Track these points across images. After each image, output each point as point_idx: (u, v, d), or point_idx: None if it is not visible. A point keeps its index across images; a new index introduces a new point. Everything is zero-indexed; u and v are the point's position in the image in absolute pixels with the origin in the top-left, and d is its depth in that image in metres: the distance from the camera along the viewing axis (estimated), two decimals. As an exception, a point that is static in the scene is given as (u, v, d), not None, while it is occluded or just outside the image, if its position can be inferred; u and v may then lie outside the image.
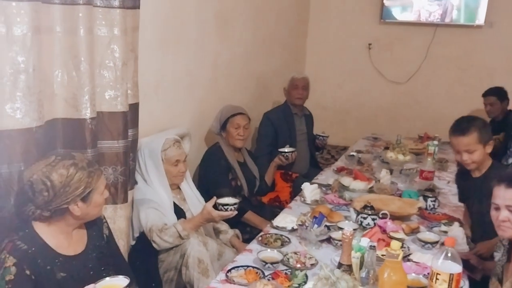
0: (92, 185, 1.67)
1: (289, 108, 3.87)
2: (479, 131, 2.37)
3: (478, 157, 2.38)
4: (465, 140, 2.37)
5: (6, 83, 1.69)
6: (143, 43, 2.48)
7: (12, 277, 1.55)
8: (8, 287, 1.54)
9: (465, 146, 2.38)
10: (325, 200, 2.81)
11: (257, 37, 4.14)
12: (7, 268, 1.55)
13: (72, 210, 1.65)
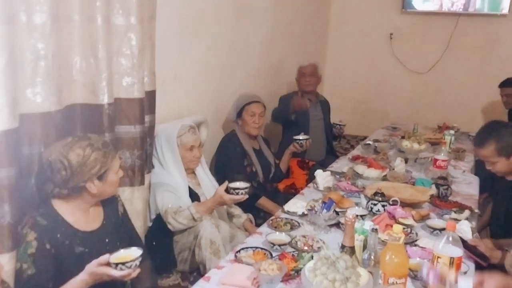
0: (107, 165, 1.76)
1: (302, 95, 3.90)
2: (497, 144, 2.28)
3: (500, 168, 2.33)
4: (482, 152, 2.35)
5: (27, 69, 1.78)
6: (161, 32, 2.55)
7: (34, 250, 1.67)
8: (30, 260, 1.66)
9: (484, 157, 2.35)
10: (338, 187, 2.84)
11: (276, 26, 4.16)
12: (29, 242, 1.67)
13: (89, 188, 1.75)
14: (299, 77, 3.93)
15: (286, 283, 1.81)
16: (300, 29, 4.67)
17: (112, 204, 1.96)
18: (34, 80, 1.81)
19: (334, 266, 1.47)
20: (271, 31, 4.11)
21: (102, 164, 1.75)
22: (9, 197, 1.67)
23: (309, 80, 3.89)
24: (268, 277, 1.71)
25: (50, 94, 1.86)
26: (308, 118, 3.89)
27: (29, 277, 1.66)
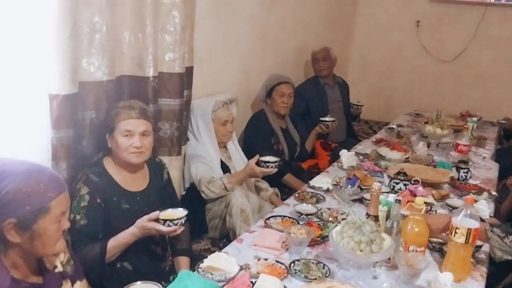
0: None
1: (318, 80, 4.03)
2: None
3: None
4: None
5: (83, 41, 1.94)
6: (199, 11, 2.68)
7: (86, 203, 1.85)
8: (83, 211, 1.85)
9: None
10: (361, 167, 2.97)
11: (306, 11, 4.26)
12: (82, 196, 1.85)
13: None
14: (313, 62, 4.06)
15: (313, 248, 1.96)
16: (329, 15, 4.76)
17: (158, 169, 2.14)
18: (89, 51, 1.97)
19: (360, 229, 1.61)
20: (302, 17, 4.21)
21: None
22: (66, 156, 1.85)
23: (323, 65, 4.00)
24: (297, 239, 1.87)
25: (102, 65, 2.02)
26: (326, 100, 4.01)
27: (81, 227, 1.84)
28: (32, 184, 1.27)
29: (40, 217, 1.30)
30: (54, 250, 1.39)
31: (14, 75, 1.64)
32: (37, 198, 1.28)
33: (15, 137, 1.67)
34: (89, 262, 1.80)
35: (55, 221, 1.33)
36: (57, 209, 1.33)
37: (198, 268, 1.75)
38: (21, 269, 1.36)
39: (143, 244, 1.96)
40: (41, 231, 1.31)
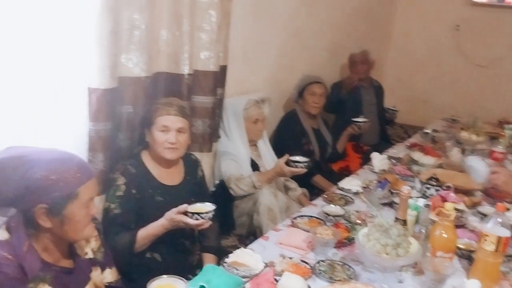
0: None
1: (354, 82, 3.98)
2: None
3: None
4: None
5: (123, 37, 2.00)
6: (236, 11, 2.72)
7: (122, 193, 1.93)
8: (118, 201, 1.92)
9: None
10: (393, 170, 2.94)
11: (344, 12, 4.23)
12: (118, 186, 1.92)
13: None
14: (351, 65, 4.00)
15: (339, 249, 1.96)
16: (367, 16, 4.70)
17: (193, 166, 2.21)
18: (128, 47, 2.04)
19: (387, 232, 1.61)
20: (339, 18, 4.19)
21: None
22: (103, 148, 1.92)
23: (361, 68, 3.96)
24: (323, 240, 1.87)
25: (140, 61, 2.08)
26: (361, 102, 3.97)
27: (115, 215, 1.92)
28: (61, 171, 1.33)
29: (70, 203, 1.35)
30: (83, 235, 1.45)
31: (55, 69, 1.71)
32: (66, 184, 1.34)
33: (54, 128, 1.75)
34: (119, 250, 1.87)
35: (83, 207, 1.39)
36: (86, 195, 1.38)
37: (223, 263, 1.79)
38: (52, 253, 1.42)
39: (172, 237, 2.02)
40: (71, 216, 1.37)
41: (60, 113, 1.78)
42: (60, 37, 1.70)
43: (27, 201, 1.31)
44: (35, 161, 1.33)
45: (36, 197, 1.31)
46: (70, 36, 1.73)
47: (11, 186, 1.31)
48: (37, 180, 1.31)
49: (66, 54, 1.74)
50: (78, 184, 1.37)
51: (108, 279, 1.65)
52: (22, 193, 1.30)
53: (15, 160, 1.33)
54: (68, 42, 1.74)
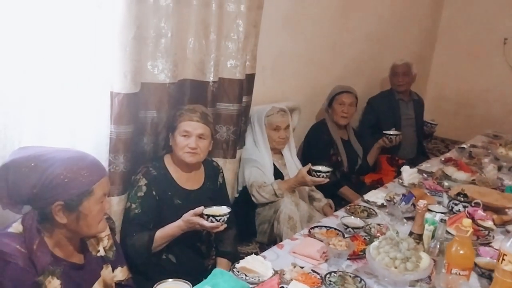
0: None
1: (393, 94, 3.92)
2: None
3: None
4: None
5: (149, 44, 2.07)
6: (267, 20, 2.75)
7: (143, 194, 1.99)
8: (138, 201, 1.99)
9: None
10: (423, 185, 2.86)
11: (381, 23, 4.18)
12: (140, 187, 1.99)
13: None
14: (392, 76, 3.94)
15: (354, 262, 1.93)
16: (407, 28, 4.61)
17: (214, 172, 2.26)
18: (154, 54, 2.11)
19: (397, 246, 1.57)
20: (376, 29, 4.13)
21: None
22: (124, 150, 1.99)
23: (402, 80, 3.89)
24: (336, 251, 1.85)
25: (166, 68, 2.14)
26: (399, 116, 3.90)
27: (135, 215, 1.99)
28: (76, 169, 1.40)
29: (85, 199, 1.42)
30: (97, 230, 1.52)
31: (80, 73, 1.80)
32: (81, 182, 1.40)
33: (76, 130, 1.83)
34: (136, 249, 1.93)
35: (98, 203, 1.46)
36: (100, 191, 1.45)
37: (233, 268, 1.80)
38: (64, 249, 1.48)
39: (189, 240, 2.06)
40: (86, 212, 1.44)
41: (84, 115, 1.86)
42: (86, 42, 1.79)
43: (44, 199, 1.39)
44: (51, 160, 1.41)
45: (53, 195, 1.38)
46: (95, 42, 1.81)
47: (27, 184, 1.38)
48: (53, 179, 1.38)
49: (91, 59, 1.82)
50: (93, 182, 1.44)
51: (119, 278, 1.70)
52: (39, 192, 1.38)
53: (32, 160, 1.41)
54: (94, 48, 1.82)
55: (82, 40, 1.77)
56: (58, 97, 1.75)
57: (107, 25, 1.82)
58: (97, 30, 1.80)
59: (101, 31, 1.81)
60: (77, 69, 1.78)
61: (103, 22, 1.81)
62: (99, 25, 1.80)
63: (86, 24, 1.77)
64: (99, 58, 1.84)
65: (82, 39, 1.77)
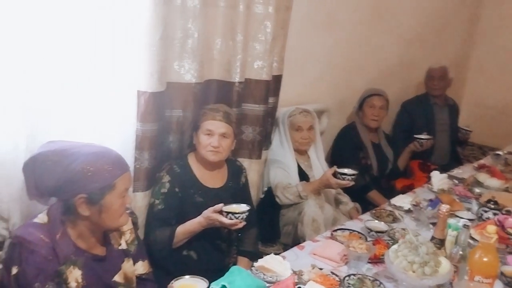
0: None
1: (428, 98, 3.83)
2: None
3: None
4: None
5: (176, 45, 2.12)
6: (296, 21, 2.75)
7: (166, 190, 2.05)
8: (162, 197, 2.05)
9: None
10: (453, 191, 2.79)
11: (415, 26, 4.09)
12: (163, 183, 2.05)
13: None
14: (428, 79, 3.85)
15: (374, 265, 1.91)
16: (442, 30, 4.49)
17: (237, 172, 2.28)
18: (181, 55, 2.15)
19: (416, 250, 1.54)
20: (410, 32, 4.04)
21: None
22: (149, 147, 2.04)
23: (438, 84, 3.79)
24: (356, 254, 1.83)
25: (192, 68, 2.18)
26: (433, 121, 3.81)
27: (158, 211, 2.04)
28: (100, 164, 1.45)
29: (107, 193, 1.47)
30: (119, 223, 1.57)
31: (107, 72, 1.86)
32: (104, 176, 1.45)
33: (104, 126, 1.89)
34: (158, 244, 1.99)
35: (119, 197, 1.50)
36: (121, 186, 1.50)
37: (251, 267, 1.82)
38: (86, 240, 1.54)
39: (210, 237, 2.09)
40: (108, 205, 1.48)
41: (111, 113, 1.91)
42: (114, 42, 1.85)
43: (68, 191, 1.45)
44: (75, 154, 1.46)
45: (76, 188, 1.44)
46: (123, 42, 1.87)
47: (53, 177, 1.44)
48: (77, 172, 1.44)
49: (119, 58, 1.88)
50: (115, 176, 1.48)
51: (140, 271, 1.75)
52: (64, 184, 1.44)
53: (58, 154, 1.47)
54: (122, 48, 1.87)
55: (111, 40, 1.83)
56: (86, 95, 1.81)
57: (134, 26, 1.87)
58: (125, 31, 1.85)
59: (129, 32, 1.86)
60: (105, 68, 1.84)
61: (131, 23, 1.86)
62: (127, 26, 1.85)
63: (115, 24, 1.82)
64: (127, 58, 1.89)
65: (111, 39, 1.83)
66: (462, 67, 5.15)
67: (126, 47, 1.88)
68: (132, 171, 2.01)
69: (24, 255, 1.39)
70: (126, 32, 1.86)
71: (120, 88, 1.92)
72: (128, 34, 1.87)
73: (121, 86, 1.92)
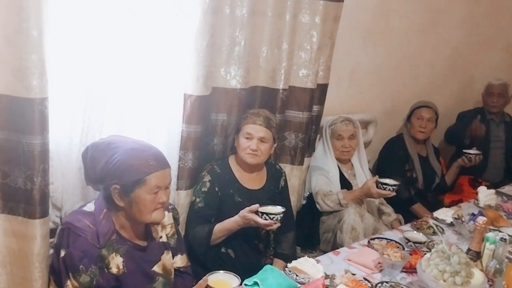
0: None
1: (485, 113, 3.71)
2: None
3: None
4: None
5: (224, 52, 2.21)
6: (346, 31, 2.79)
7: (206, 189, 2.14)
8: (202, 196, 2.14)
9: None
10: (501, 207, 2.72)
11: (470, 38, 3.98)
12: (204, 182, 2.14)
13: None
14: (486, 95, 3.73)
15: (409, 275, 1.90)
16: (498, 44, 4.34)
17: (276, 175, 2.35)
18: (228, 61, 2.24)
19: (448, 259, 1.53)
20: (463, 44, 3.94)
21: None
22: (193, 148, 2.14)
23: (497, 101, 3.67)
24: (390, 261, 1.84)
25: (237, 75, 2.27)
26: (488, 138, 3.69)
27: (198, 208, 2.13)
28: (134, 159, 1.56)
29: (137, 187, 1.56)
30: (150, 218, 1.62)
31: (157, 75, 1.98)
32: (136, 171, 1.55)
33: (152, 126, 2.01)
34: (197, 240, 2.08)
35: (150, 193, 1.57)
36: (153, 182, 1.57)
37: (285, 267, 1.86)
38: (127, 231, 1.65)
39: (248, 236, 2.17)
40: (137, 200, 1.57)
41: (159, 114, 2.03)
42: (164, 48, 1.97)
43: (107, 181, 1.57)
44: (118, 148, 1.59)
45: (113, 178, 1.56)
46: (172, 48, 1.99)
47: (97, 166, 1.58)
48: (114, 164, 1.56)
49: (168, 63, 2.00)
50: (147, 172, 1.56)
51: (178, 264, 1.84)
52: (103, 174, 1.57)
53: (106, 145, 1.61)
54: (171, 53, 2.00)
55: (161, 45, 1.95)
56: (137, 96, 1.94)
57: (183, 33, 1.99)
58: (174, 37, 1.97)
59: (178, 38, 1.98)
60: (155, 71, 1.96)
61: (180, 30, 1.98)
62: (176, 33, 1.97)
63: (165, 31, 1.95)
64: (175, 63, 2.01)
65: (161, 45, 1.95)
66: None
67: (175, 52, 1.99)
68: (176, 170, 2.12)
69: (72, 239, 1.52)
70: (176, 39, 1.98)
71: (169, 90, 2.03)
72: (178, 40, 1.98)
73: (169, 88, 2.03)
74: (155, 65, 1.96)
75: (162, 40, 1.95)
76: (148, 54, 1.93)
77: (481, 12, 4.00)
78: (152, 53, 1.94)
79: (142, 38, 1.89)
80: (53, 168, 1.72)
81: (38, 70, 1.55)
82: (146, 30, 1.89)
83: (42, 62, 1.56)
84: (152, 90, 1.98)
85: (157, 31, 1.92)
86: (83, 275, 1.50)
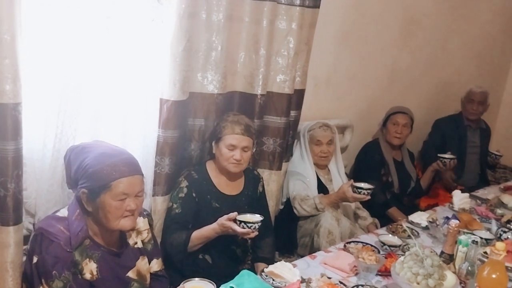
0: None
1: (462, 119, 3.80)
2: None
3: None
4: None
5: (200, 57, 2.21)
6: (322, 38, 2.81)
7: (183, 195, 2.12)
8: (179, 201, 2.12)
9: None
10: (475, 211, 2.77)
11: (446, 46, 4.06)
12: (181, 188, 2.12)
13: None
14: (467, 102, 3.81)
15: (384, 278, 1.92)
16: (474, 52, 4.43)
17: (254, 181, 2.35)
18: (205, 66, 2.25)
19: (421, 262, 1.56)
20: (439, 51, 4.02)
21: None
22: (170, 153, 2.13)
23: (476, 109, 3.76)
24: (365, 265, 1.85)
25: (214, 80, 2.28)
26: (465, 144, 3.78)
27: (175, 214, 2.11)
28: (102, 164, 1.54)
29: (102, 193, 1.53)
30: (117, 225, 1.58)
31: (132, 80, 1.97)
32: (102, 175, 1.53)
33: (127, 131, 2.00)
34: (174, 246, 2.06)
35: (115, 199, 1.54)
36: (119, 189, 1.54)
37: (262, 272, 1.86)
38: (103, 237, 1.63)
39: (225, 243, 2.16)
40: (102, 205, 1.54)
41: (135, 119, 2.03)
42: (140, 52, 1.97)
43: (77, 184, 1.56)
44: (90, 152, 1.58)
45: (81, 182, 1.55)
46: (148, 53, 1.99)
47: (72, 169, 1.59)
48: (83, 168, 1.55)
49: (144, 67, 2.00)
50: (113, 178, 1.53)
51: (155, 268, 1.83)
52: (75, 177, 1.57)
53: (80, 149, 1.61)
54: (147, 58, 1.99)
55: (136, 50, 1.95)
56: (112, 100, 1.93)
57: (159, 38, 1.98)
58: (150, 42, 1.97)
59: (154, 43, 1.98)
60: (130, 76, 1.96)
61: (156, 34, 1.98)
62: (152, 37, 1.97)
63: (140, 36, 1.94)
64: (151, 67, 2.01)
65: (136, 50, 1.95)
66: (497, 91, 5.05)
67: (151, 57, 1.99)
68: (152, 176, 2.11)
69: (45, 244, 1.50)
70: (152, 43, 1.97)
71: (145, 95, 2.03)
72: (154, 45, 1.98)
73: (145, 93, 2.03)
74: (131, 69, 1.96)
75: (138, 45, 1.94)
76: (123, 59, 1.92)
77: (459, 20, 4.09)
78: (127, 58, 1.93)
79: (117, 43, 1.88)
80: (26, 174, 1.70)
81: (11, 75, 1.54)
82: (121, 35, 1.89)
83: (16, 66, 1.54)
84: (128, 95, 1.98)
85: (133, 36, 1.92)
86: (56, 280, 1.48)
